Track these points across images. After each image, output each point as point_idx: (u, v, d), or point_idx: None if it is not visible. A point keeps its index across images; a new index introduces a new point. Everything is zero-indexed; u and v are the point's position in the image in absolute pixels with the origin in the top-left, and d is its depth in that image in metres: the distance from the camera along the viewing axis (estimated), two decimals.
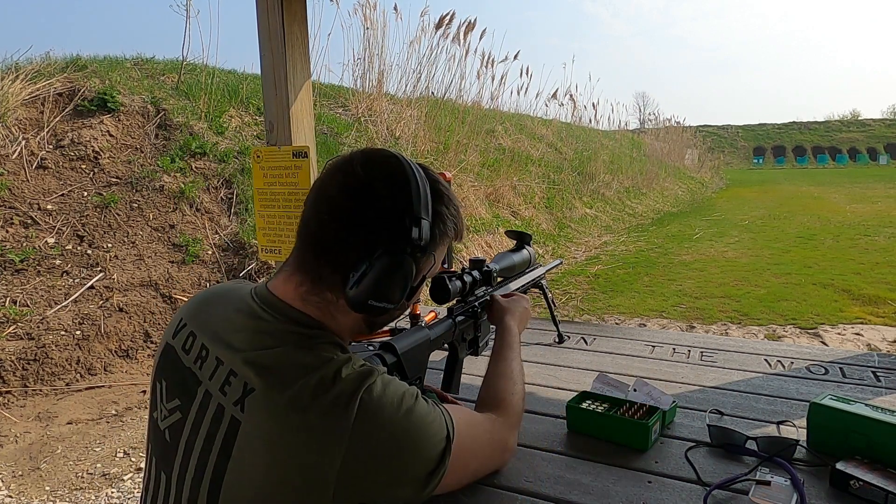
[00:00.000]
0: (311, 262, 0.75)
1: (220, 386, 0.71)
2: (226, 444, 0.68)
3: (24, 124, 4.82)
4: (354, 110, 7.27)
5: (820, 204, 12.82)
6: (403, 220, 0.72)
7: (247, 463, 0.67)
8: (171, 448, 0.74)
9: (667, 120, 26.83)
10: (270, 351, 0.71)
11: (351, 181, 0.74)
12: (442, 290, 1.14)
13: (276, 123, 1.85)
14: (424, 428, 0.72)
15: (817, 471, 0.97)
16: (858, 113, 57.96)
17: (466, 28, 8.07)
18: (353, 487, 0.66)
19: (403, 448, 0.70)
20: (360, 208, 0.72)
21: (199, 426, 0.72)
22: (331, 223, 0.73)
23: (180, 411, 0.74)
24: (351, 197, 0.73)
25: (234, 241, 4.53)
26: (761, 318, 4.53)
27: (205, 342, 0.76)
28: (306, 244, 0.76)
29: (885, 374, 1.42)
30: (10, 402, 3.16)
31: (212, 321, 0.79)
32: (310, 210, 0.76)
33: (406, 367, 0.96)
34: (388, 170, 0.75)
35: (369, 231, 0.72)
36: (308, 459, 0.65)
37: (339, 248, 0.73)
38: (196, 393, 0.73)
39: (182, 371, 0.77)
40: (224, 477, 0.67)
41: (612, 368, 1.50)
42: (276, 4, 1.76)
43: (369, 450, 0.67)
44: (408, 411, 0.71)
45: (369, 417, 0.67)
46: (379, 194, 0.73)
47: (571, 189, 10.53)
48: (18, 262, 3.94)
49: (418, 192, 0.73)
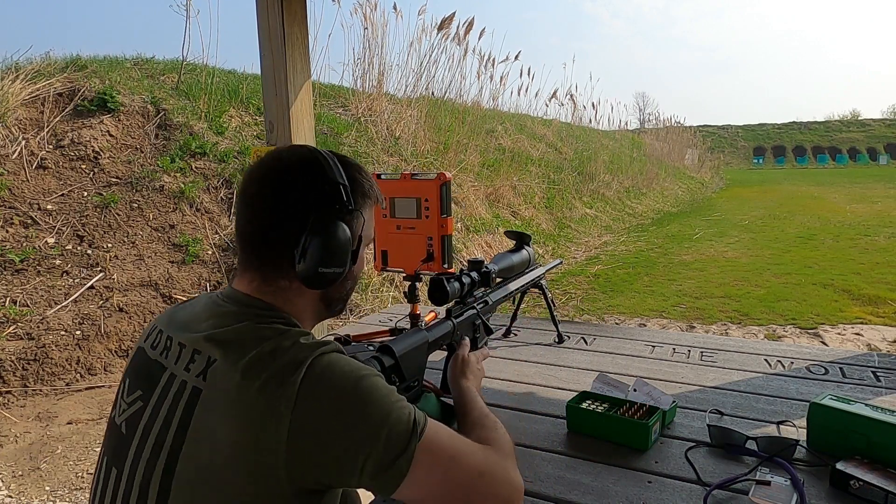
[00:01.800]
0: (255, 258, 0.80)
1: (185, 365, 0.74)
2: (185, 417, 0.70)
3: (24, 124, 4.82)
4: (354, 110, 7.27)
5: (820, 204, 12.82)
6: (323, 188, 0.79)
7: (204, 431, 0.68)
8: (125, 440, 0.76)
9: (667, 120, 26.88)
10: (231, 327, 0.75)
11: (266, 173, 0.81)
12: (440, 292, 1.14)
13: (276, 123, 1.85)
14: (379, 399, 0.70)
15: (817, 471, 0.97)
16: (858, 113, 57.97)
17: (466, 28, 8.08)
18: (303, 457, 0.66)
19: (352, 413, 0.68)
20: (283, 191, 0.78)
21: (160, 408, 0.74)
22: (261, 215, 0.79)
23: (141, 400, 0.77)
24: (270, 185, 0.79)
25: (234, 242, 4.53)
26: (761, 318, 4.53)
27: (171, 334, 0.80)
28: (245, 244, 0.81)
29: (885, 374, 1.42)
30: (10, 402, 3.16)
31: (179, 318, 0.83)
32: (239, 214, 0.82)
33: (404, 369, 0.96)
34: (297, 153, 0.82)
35: (296, 209, 0.78)
36: (260, 424, 0.66)
37: (276, 234, 0.78)
38: (159, 379, 0.76)
39: (147, 364, 0.80)
40: (181, 450, 0.69)
41: (612, 368, 1.50)
42: (276, 4, 1.76)
43: (315, 412, 0.67)
44: (361, 377, 0.70)
45: (316, 380, 0.68)
46: (294, 175, 0.79)
47: (571, 189, 10.53)
48: (18, 262, 3.94)
49: (328, 163, 0.81)
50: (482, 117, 9.29)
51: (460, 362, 1.10)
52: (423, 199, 1.64)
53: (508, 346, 1.73)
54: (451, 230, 1.65)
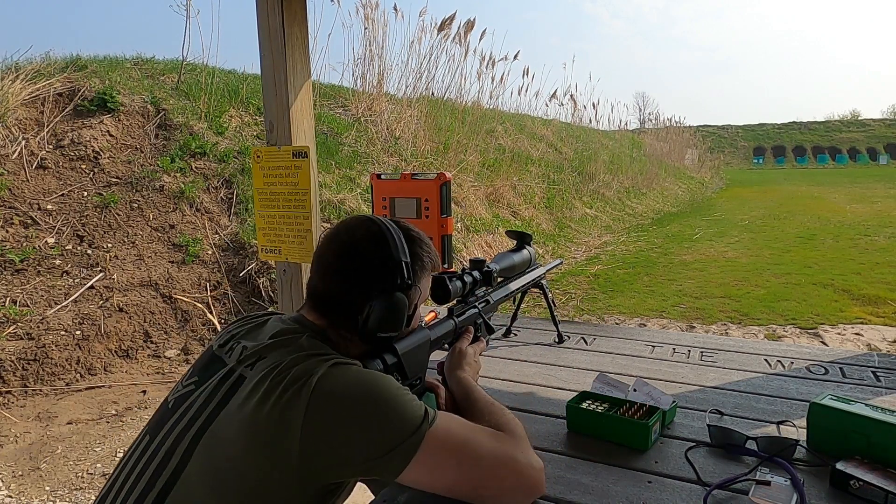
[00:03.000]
0: (324, 311, 0.92)
1: (239, 358, 0.84)
2: (225, 398, 0.79)
3: (24, 124, 4.82)
4: (354, 110, 7.27)
5: (820, 204, 12.81)
6: (388, 265, 0.90)
7: (235, 412, 0.76)
8: (168, 413, 0.84)
9: (667, 120, 26.86)
10: (287, 337, 0.86)
11: (340, 246, 0.92)
12: (442, 290, 1.14)
13: (276, 123, 1.85)
14: (388, 393, 0.77)
15: (817, 471, 0.97)
16: (858, 113, 57.92)
17: (467, 28, 8.07)
18: (318, 443, 0.72)
19: (360, 408, 0.74)
20: (353, 265, 0.90)
21: (207, 388, 0.83)
22: (332, 280, 0.91)
23: (195, 385, 0.85)
24: (343, 257, 0.91)
25: (234, 241, 4.53)
26: (761, 318, 4.53)
27: (240, 340, 0.90)
28: (317, 299, 0.93)
29: (885, 374, 1.42)
30: (10, 402, 3.15)
31: (249, 330, 0.94)
32: (315, 276, 0.94)
33: (406, 367, 0.96)
34: (368, 230, 0.92)
35: (364, 281, 0.89)
36: (278, 416, 0.73)
37: (344, 300, 0.90)
38: (217, 371, 0.85)
39: (211, 358, 0.89)
40: (211, 425, 0.77)
41: (612, 368, 1.50)
42: (276, 4, 1.76)
43: (330, 400, 0.74)
44: (371, 378, 0.78)
45: (329, 383, 0.76)
46: (364, 251, 0.90)
47: (571, 189, 10.53)
48: (18, 262, 3.94)
49: (394, 241, 0.91)
50: (482, 117, 9.28)
51: (457, 354, 1.12)
52: (423, 199, 1.64)
53: (509, 346, 1.73)
54: (451, 230, 1.66)
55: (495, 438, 0.83)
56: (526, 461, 0.82)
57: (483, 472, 0.79)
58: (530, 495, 0.82)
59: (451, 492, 0.78)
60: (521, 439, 0.86)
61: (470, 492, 0.79)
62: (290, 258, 1.91)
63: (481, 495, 0.80)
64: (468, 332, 1.19)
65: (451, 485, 0.78)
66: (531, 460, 0.83)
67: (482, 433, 0.82)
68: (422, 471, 0.75)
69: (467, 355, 1.12)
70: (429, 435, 0.75)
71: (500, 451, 0.81)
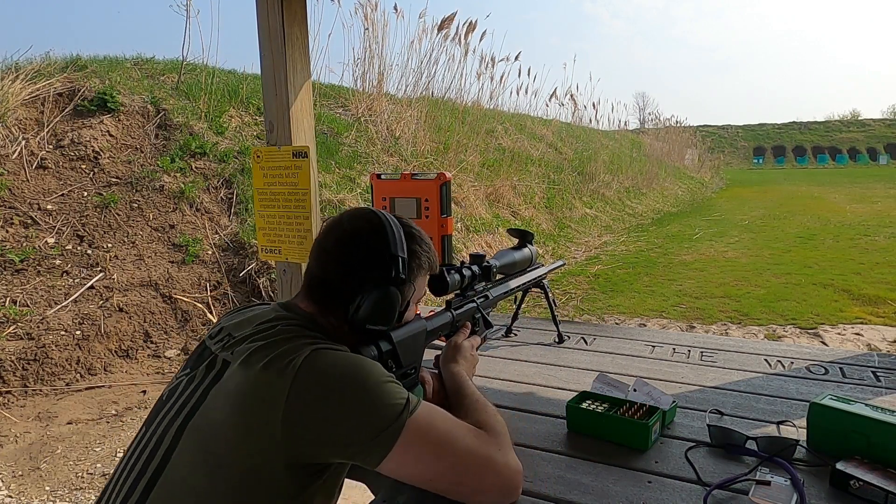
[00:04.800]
0: (318, 296, 0.93)
1: (225, 345, 0.87)
2: (211, 383, 0.81)
3: (24, 124, 4.82)
4: (354, 110, 7.27)
5: (820, 204, 12.81)
6: (384, 258, 0.91)
7: (221, 394, 0.79)
8: (162, 405, 0.86)
9: (667, 120, 26.87)
10: (275, 323, 0.88)
11: (341, 234, 0.94)
12: (440, 283, 1.14)
13: (276, 123, 1.85)
14: (369, 378, 0.78)
15: (817, 471, 0.97)
16: (858, 113, 57.93)
17: (467, 28, 8.07)
18: (300, 420, 0.74)
19: (340, 393, 0.76)
20: (350, 254, 0.92)
21: (196, 376, 0.85)
22: (328, 267, 0.93)
23: (186, 375, 0.88)
24: (342, 245, 0.93)
25: (234, 241, 4.53)
26: (761, 318, 4.53)
27: (229, 329, 0.91)
28: (312, 284, 0.94)
29: (885, 374, 1.42)
30: (10, 402, 3.15)
31: (240, 318, 0.94)
32: (313, 261, 0.96)
33: (401, 355, 0.97)
34: (369, 222, 0.94)
35: (359, 270, 0.91)
36: (260, 401, 0.76)
37: (338, 287, 0.91)
38: (205, 360, 0.87)
39: (203, 350, 0.91)
40: (199, 408, 0.79)
41: (612, 368, 1.50)
42: (276, 4, 1.76)
43: (313, 378, 0.76)
44: (352, 361, 0.80)
45: (314, 363, 0.77)
46: (362, 242, 0.92)
47: (571, 189, 10.53)
48: (18, 262, 3.94)
49: (394, 236, 0.93)
50: (482, 117, 9.28)
51: (453, 348, 1.13)
52: (423, 199, 1.64)
53: (509, 345, 1.73)
54: (451, 230, 1.65)
55: (476, 436, 0.83)
56: (503, 461, 0.83)
57: (460, 468, 0.80)
58: (507, 495, 0.83)
59: (430, 485, 0.80)
60: (502, 439, 0.87)
61: (448, 487, 0.81)
62: (290, 258, 1.91)
63: (460, 492, 0.81)
64: (465, 327, 1.20)
65: (430, 477, 0.79)
66: (509, 460, 0.84)
67: (463, 429, 0.83)
68: (401, 460, 0.76)
69: (463, 349, 1.13)
70: (409, 422, 0.76)
71: (478, 448, 0.82)
